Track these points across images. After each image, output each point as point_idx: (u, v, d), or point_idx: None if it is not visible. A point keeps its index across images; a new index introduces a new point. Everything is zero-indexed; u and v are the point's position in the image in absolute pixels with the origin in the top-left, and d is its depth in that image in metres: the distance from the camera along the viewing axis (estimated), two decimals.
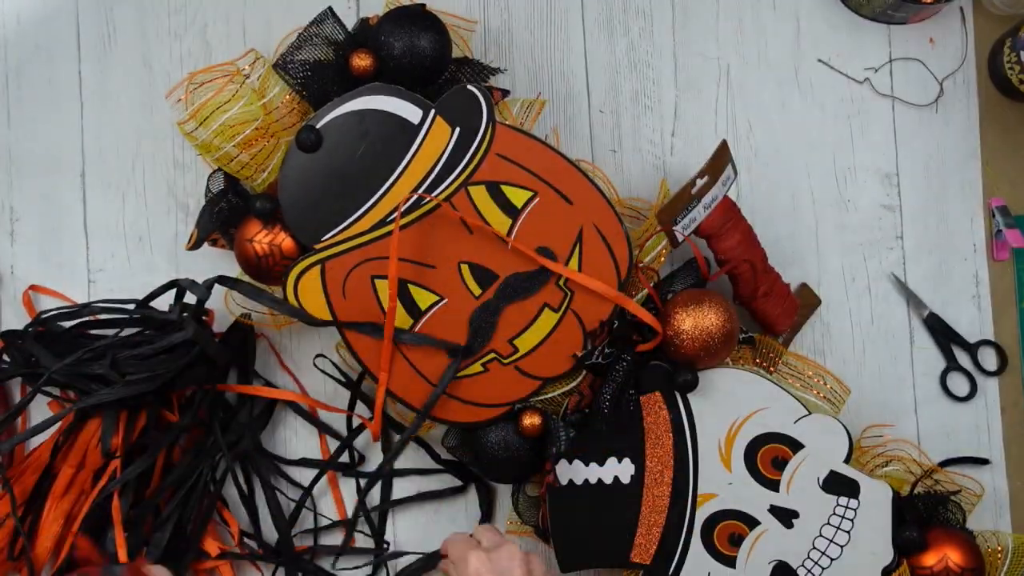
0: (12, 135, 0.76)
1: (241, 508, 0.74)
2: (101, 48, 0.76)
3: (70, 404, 0.69)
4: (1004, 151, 0.79)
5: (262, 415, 0.74)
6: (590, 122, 0.77)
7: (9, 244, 0.75)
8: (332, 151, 0.67)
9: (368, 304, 0.68)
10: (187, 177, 0.76)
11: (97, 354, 0.68)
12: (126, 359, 0.68)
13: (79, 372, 0.67)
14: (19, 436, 0.68)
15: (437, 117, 0.67)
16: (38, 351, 0.69)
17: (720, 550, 0.68)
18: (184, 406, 0.72)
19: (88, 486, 0.70)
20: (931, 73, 0.79)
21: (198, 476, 0.71)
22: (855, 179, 0.78)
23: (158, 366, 0.67)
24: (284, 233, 0.68)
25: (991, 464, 0.77)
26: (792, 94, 0.78)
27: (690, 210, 0.69)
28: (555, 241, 0.69)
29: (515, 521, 0.72)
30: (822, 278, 0.78)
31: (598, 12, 0.78)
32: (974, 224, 0.78)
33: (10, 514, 0.68)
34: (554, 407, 0.71)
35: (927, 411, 0.77)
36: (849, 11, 0.79)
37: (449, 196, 0.68)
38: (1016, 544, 0.69)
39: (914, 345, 0.78)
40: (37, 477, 0.70)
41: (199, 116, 0.66)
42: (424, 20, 0.68)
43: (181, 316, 0.68)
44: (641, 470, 0.68)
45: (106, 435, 0.67)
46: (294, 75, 0.68)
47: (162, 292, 0.71)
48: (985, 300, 0.78)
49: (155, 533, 0.68)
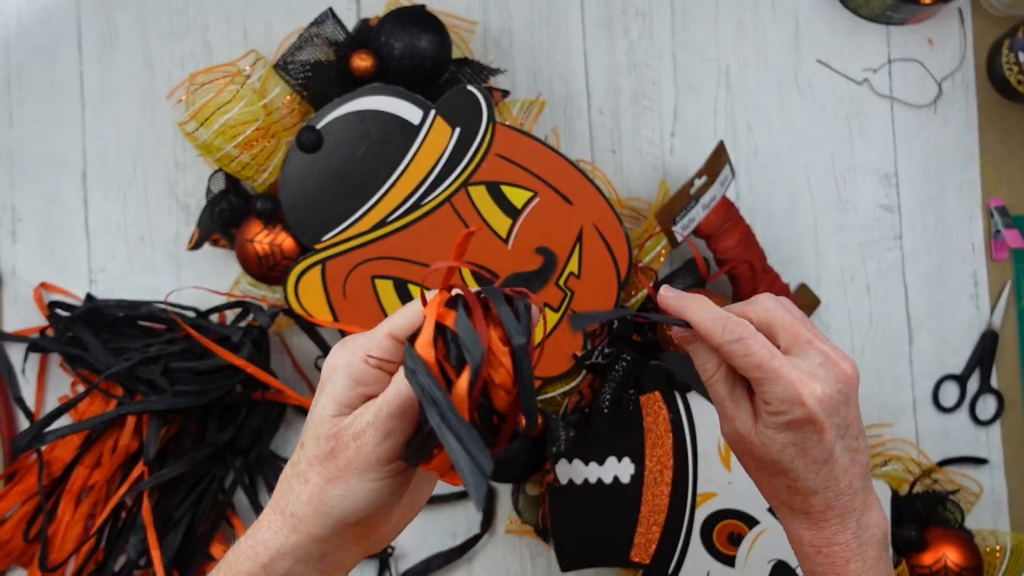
0: (14, 135, 0.76)
1: (247, 510, 0.74)
2: (102, 49, 0.76)
3: (113, 398, 0.69)
4: (1003, 152, 0.79)
5: (275, 419, 0.74)
6: (590, 123, 0.77)
7: (11, 244, 0.76)
8: (333, 151, 0.67)
9: (368, 304, 0.68)
10: (188, 177, 0.76)
11: (150, 357, 0.68)
12: (179, 370, 0.68)
13: (131, 372, 0.68)
14: (70, 427, 0.67)
15: (437, 117, 0.67)
16: (88, 339, 0.70)
17: (719, 549, 0.68)
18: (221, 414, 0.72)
19: (103, 485, 0.70)
20: (930, 74, 0.79)
21: (210, 481, 0.71)
22: (854, 179, 0.78)
23: (210, 382, 0.68)
24: (285, 233, 0.68)
25: (989, 464, 0.77)
26: (791, 95, 0.78)
27: (689, 210, 0.70)
28: (555, 241, 0.69)
29: (515, 521, 0.72)
30: (821, 278, 0.78)
31: (598, 13, 0.78)
32: (972, 224, 0.79)
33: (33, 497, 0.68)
34: (554, 407, 0.71)
35: (926, 411, 0.78)
36: (848, 12, 0.79)
37: (449, 196, 0.68)
38: (1014, 543, 0.69)
39: (913, 345, 0.78)
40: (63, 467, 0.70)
41: (200, 116, 0.66)
42: (424, 21, 0.68)
43: (242, 338, 0.69)
44: (641, 470, 0.68)
45: (150, 443, 0.67)
46: (295, 76, 0.68)
47: (226, 308, 0.73)
48: (984, 300, 0.78)
49: (168, 535, 0.69)
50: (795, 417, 0.44)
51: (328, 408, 0.40)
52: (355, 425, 0.40)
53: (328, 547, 0.41)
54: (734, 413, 0.47)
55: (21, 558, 0.72)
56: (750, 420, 0.46)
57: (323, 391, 0.41)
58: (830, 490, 0.45)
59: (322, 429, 0.40)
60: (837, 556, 0.46)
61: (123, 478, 0.70)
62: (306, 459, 0.41)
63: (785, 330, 0.46)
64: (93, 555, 0.70)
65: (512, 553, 0.75)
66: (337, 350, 0.41)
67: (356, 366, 0.40)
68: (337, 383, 0.40)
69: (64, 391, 0.75)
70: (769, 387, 0.44)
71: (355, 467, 0.40)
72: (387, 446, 0.40)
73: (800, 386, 0.44)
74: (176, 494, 0.70)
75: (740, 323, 0.46)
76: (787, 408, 0.44)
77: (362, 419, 0.40)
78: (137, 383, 0.68)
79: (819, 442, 0.44)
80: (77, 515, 0.70)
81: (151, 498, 0.68)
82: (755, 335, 0.45)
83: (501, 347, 0.36)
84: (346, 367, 0.40)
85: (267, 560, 0.41)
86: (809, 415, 0.44)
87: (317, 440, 0.40)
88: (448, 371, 0.36)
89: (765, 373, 0.44)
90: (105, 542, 0.70)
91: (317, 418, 0.41)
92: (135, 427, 0.70)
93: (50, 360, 0.75)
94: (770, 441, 0.45)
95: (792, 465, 0.45)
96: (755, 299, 0.48)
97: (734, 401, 0.47)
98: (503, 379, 0.36)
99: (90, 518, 0.71)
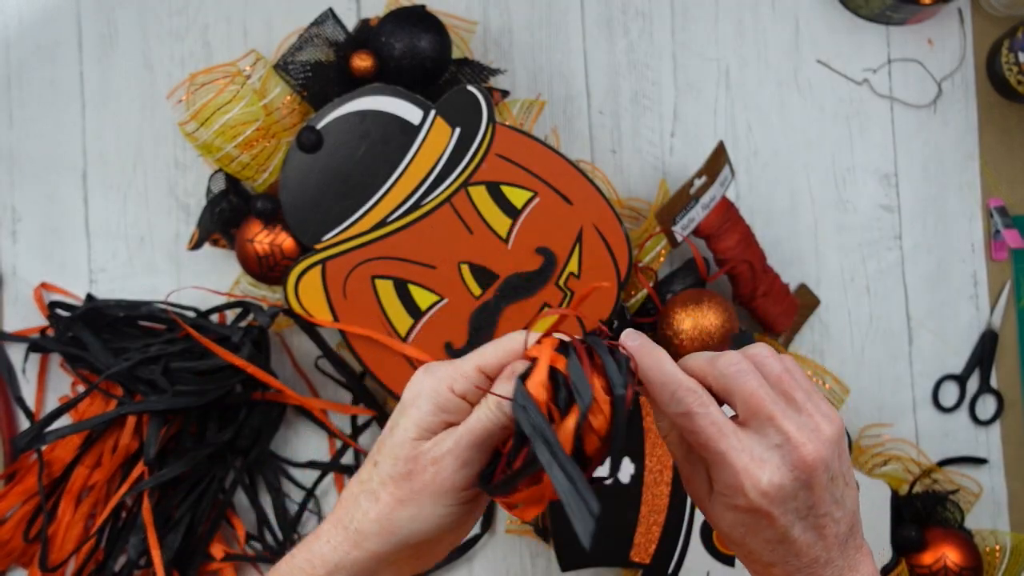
0: (14, 135, 0.76)
1: (247, 510, 0.74)
2: (102, 49, 0.76)
3: (113, 398, 0.69)
4: (1002, 152, 0.79)
5: (275, 419, 0.74)
6: (590, 123, 0.77)
7: (11, 244, 0.76)
8: (333, 151, 0.67)
9: (369, 304, 0.68)
10: (188, 177, 0.76)
11: (150, 357, 0.68)
12: (179, 370, 0.68)
13: (131, 372, 0.68)
14: (70, 427, 0.67)
15: (437, 118, 0.68)
16: (88, 339, 0.70)
17: (719, 549, 0.68)
18: (221, 414, 0.72)
19: (103, 485, 0.70)
20: (930, 74, 0.79)
21: (210, 481, 0.71)
22: (854, 179, 0.78)
23: (210, 382, 0.68)
24: (285, 233, 0.68)
25: (989, 463, 0.77)
26: (791, 95, 0.78)
27: (688, 210, 0.70)
28: (555, 241, 0.69)
29: (515, 521, 0.72)
30: (821, 278, 0.78)
31: (598, 13, 0.78)
32: (972, 224, 0.79)
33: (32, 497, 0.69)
34: None
35: (925, 411, 0.78)
36: (848, 12, 0.79)
37: (449, 196, 0.68)
38: (1014, 543, 0.69)
39: (912, 345, 0.78)
40: (63, 467, 0.70)
41: (200, 117, 0.66)
42: (424, 21, 0.68)
43: (242, 338, 0.69)
44: (641, 470, 0.68)
45: (150, 443, 0.67)
46: (295, 76, 0.68)
47: (226, 308, 0.73)
48: (983, 300, 0.78)
49: (168, 535, 0.69)
50: (739, 504, 0.40)
51: (410, 431, 0.41)
52: (435, 450, 0.41)
53: (384, 566, 0.42)
54: (690, 476, 0.44)
55: (21, 558, 0.72)
56: (705, 487, 0.43)
57: (405, 414, 0.42)
58: (789, 564, 0.42)
59: (401, 451, 0.41)
60: None
61: (123, 478, 0.70)
62: (379, 478, 0.41)
63: (745, 402, 0.41)
64: (93, 555, 0.70)
65: (512, 553, 0.75)
66: (422, 376, 0.42)
67: (442, 394, 0.41)
68: (422, 408, 0.41)
69: (64, 391, 0.75)
70: (715, 470, 0.41)
71: (429, 491, 0.41)
72: (463, 474, 0.41)
73: (743, 476, 0.40)
74: (176, 494, 0.70)
75: (691, 391, 0.41)
76: (731, 495, 0.41)
77: (443, 445, 0.41)
78: (137, 383, 0.68)
79: (769, 526, 0.40)
80: (77, 515, 0.70)
81: (151, 498, 0.68)
82: (705, 410, 0.41)
83: (603, 395, 0.38)
84: (431, 394, 0.41)
85: (323, 573, 0.42)
86: (751, 506, 0.40)
87: (395, 461, 0.41)
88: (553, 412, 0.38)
89: (711, 455, 0.41)
90: (105, 542, 0.70)
91: (397, 439, 0.41)
92: (135, 427, 0.70)
93: (50, 360, 0.75)
94: (720, 518, 0.42)
95: (744, 541, 0.42)
96: (720, 356, 0.43)
97: (690, 464, 0.44)
98: (600, 425, 0.38)
99: (90, 518, 0.71)
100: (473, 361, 0.42)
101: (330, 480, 0.76)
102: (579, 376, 0.38)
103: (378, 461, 0.42)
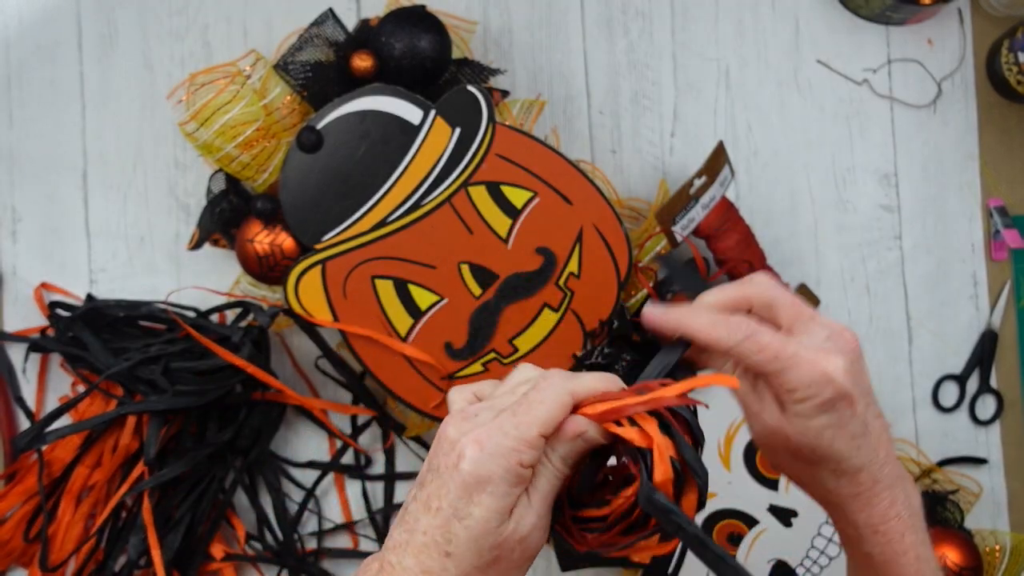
0: (14, 135, 0.76)
1: (247, 510, 0.74)
2: (102, 49, 0.76)
3: (113, 398, 0.69)
4: (1002, 152, 0.79)
5: (275, 419, 0.74)
6: (590, 123, 0.78)
7: (11, 244, 0.76)
8: (333, 151, 0.67)
9: (369, 304, 0.68)
10: (188, 178, 0.76)
11: (150, 357, 0.68)
12: (179, 370, 0.68)
13: (131, 372, 0.68)
14: (70, 427, 0.67)
15: (437, 118, 0.68)
16: (88, 339, 0.70)
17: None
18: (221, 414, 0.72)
19: (103, 485, 0.70)
20: (929, 74, 0.79)
21: (210, 481, 0.71)
22: (854, 179, 0.78)
23: (210, 382, 0.68)
24: (285, 233, 0.68)
25: (989, 463, 0.77)
26: (791, 95, 0.78)
27: (688, 210, 0.70)
28: (555, 241, 0.69)
29: None
30: (821, 278, 0.78)
31: (598, 13, 0.78)
32: (972, 224, 0.79)
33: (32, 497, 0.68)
34: None
35: (925, 411, 0.78)
36: (848, 12, 0.79)
37: (449, 196, 0.68)
38: (1014, 543, 0.69)
39: (912, 345, 0.78)
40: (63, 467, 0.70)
41: (200, 117, 0.66)
42: (425, 21, 0.68)
43: (242, 338, 0.69)
44: None
45: (150, 443, 0.67)
46: (295, 76, 0.68)
47: (226, 308, 0.73)
48: (983, 300, 0.78)
49: (168, 535, 0.69)
50: (827, 397, 0.43)
51: (492, 521, 0.39)
52: (520, 529, 0.40)
53: None
54: (760, 408, 0.46)
55: (21, 558, 0.72)
56: (777, 412, 0.45)
57: (479, 503, 0.39)
58: (874, 463, 0.45)
59: (486, 540, 0.39)
60: (893, 532, 0.45)
61: (123, 478, 0.70)
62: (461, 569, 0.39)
63: (787, 309, 0.45)
64: (93, 555, 0.70)
65: None
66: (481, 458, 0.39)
67: (513, 471, 0.39)
68: (497, 493, 0.39)
69: (64, 391, 0.75)
70: (792, 374, 0.43)
71: (515, 565, 0.40)
72: (544, 533, 0.41)
73: (823, 364, 0.43)
74: (176, 494, 0.70)
75: (739, 320, 0.45)
76: (816, 390, 0.43)
77: (525, 522, 0.40)
78: (137, 383, 0.68)
79: (853, 416, 0.44)
80: (77, 515, 0.70)
81: (151, 498, 0.68)
82: (760, 328, 0.44)
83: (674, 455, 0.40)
84: (504, 476, 0.39)
85: None
86: (840, 391, 0.43)
87: (479, 552, 0.39)
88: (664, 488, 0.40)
89: (784, 362, 0.43)
90: (105, 542, 0.70)
91: (479, 531, 0.39)
92: (135, 427, 0.70)
93: (50, 360, 0.75)
94: (805, 428, 0.44)
95: (833, 446, 0.44)
96: (751, 279, 0.47)
97: (757, 396, 0.46)
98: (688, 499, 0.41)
99: (90, 518, 0.71)
100: (536, 429, 0.40)
101: (330, 480, 0.76)
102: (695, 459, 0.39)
103: (451, 552, 0.39)
